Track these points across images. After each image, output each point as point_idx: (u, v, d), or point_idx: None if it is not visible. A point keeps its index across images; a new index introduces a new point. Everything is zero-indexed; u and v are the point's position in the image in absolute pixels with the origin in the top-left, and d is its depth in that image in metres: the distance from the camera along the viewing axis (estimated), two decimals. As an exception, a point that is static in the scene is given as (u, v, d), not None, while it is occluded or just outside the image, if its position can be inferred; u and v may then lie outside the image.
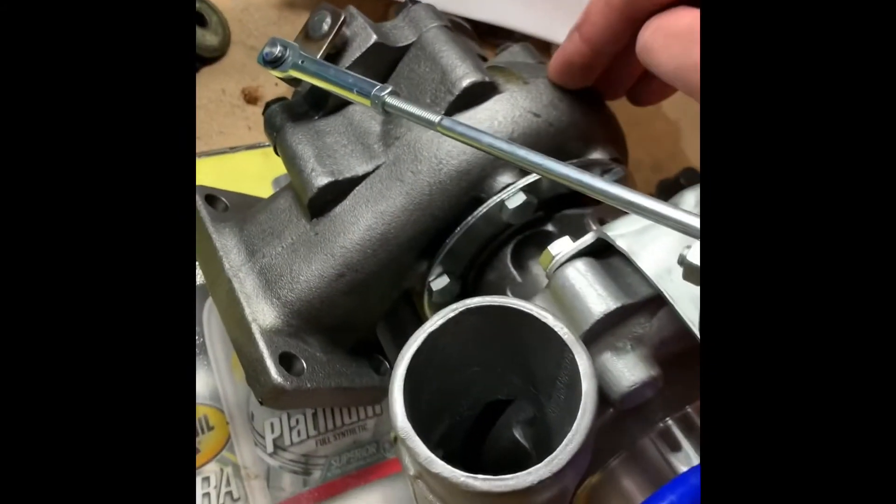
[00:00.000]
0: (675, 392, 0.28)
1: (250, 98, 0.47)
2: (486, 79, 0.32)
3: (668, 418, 0.28)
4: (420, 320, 0.31)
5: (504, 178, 0.32)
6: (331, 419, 0.39)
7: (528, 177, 0.32)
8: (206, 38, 0.47)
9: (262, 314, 0.33)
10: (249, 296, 0.33)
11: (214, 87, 0.47)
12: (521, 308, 0.22)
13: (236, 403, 0.38)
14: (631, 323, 0.25)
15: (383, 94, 0.29)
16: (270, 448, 0.37)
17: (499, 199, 0.32)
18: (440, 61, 0.33)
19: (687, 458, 0.28)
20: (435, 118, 0.27)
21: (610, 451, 0.29)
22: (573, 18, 0.33)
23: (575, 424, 0.20)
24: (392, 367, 0.24)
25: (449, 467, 0.20)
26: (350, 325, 0.34)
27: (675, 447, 0.28)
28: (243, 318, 0.32)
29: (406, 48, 0.35)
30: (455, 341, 0.24)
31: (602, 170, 0.35)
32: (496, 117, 0.32)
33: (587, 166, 0.34)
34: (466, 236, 0.33)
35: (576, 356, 0.21)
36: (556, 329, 0.22)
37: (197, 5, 0.47)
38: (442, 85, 0.33)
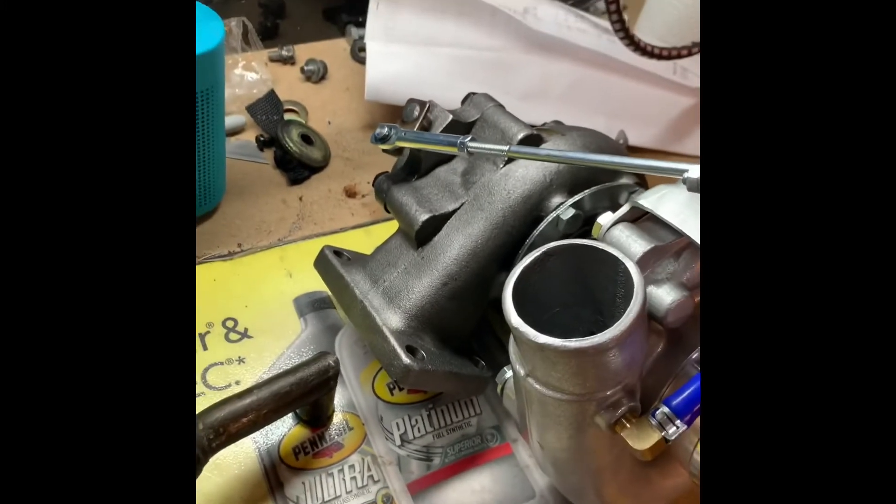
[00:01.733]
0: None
1: (350, 193, 0.60)
2: (534, 132, 0.45)
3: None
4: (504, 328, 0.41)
5: (556, 199, 0.44)
6: (442, 418, 0.48)
7: (575, 196, 0.44)
8: (313, 153, 0.61)
9: (389, 320, 0.44)
10: (378, 309, 0.44)
11: (322, 188, 0.60)
12: (586, 243, 0.33)
13: (368, 409, 0.48)
14: (663, 262, 0.36)
15: (465, 140, 0.42)
16: (398, 441, 0.46)
17: (554, 216, 0.43)
18: (500, 125, 0.46)
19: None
20: (504, 147, 0.40)
21: (664, 379, 0.38)
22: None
23: (631, 304, 0.30)
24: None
25: (551, 338, 0.30)
26: (454, 326, 0.45)
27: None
28: (375, 324, 0.43)
29: (474, 122, 0.48)
30: (542, 279, 0.34)
31: (629, 191, 0.46)
32: (546, 157, 0.45)
33: (618, 188, 0.46)
34: (532, 248, 0.44)
35: (627, 266, 0.32)
36: (610, 251, 0.32)
37: (304, 130, 0.62)
38: (503, 140, 0.45)
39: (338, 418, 0.47)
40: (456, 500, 0.45)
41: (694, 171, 0.31)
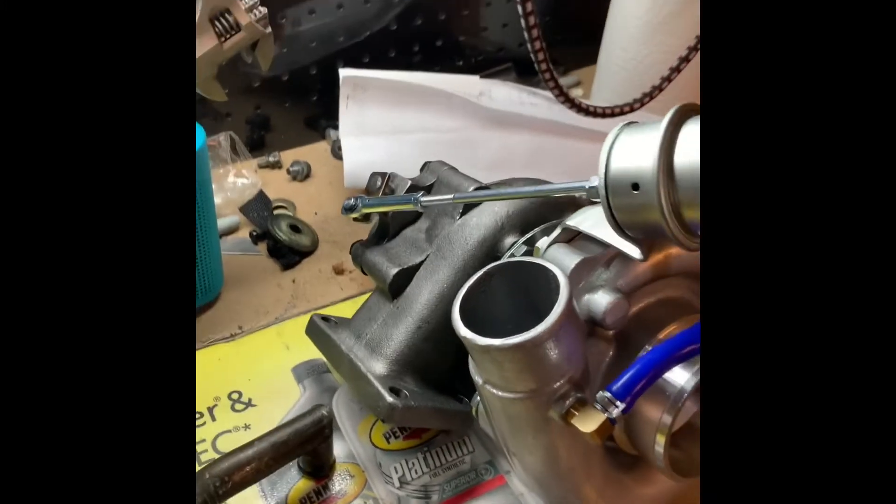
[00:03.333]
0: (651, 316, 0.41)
1: (338, 271, 0.66)
2: (483, 184, 0.51)
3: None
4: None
5: (509, 239, 0.49)
6: (438, 458, 0.51)
7: (526, 234, 0.49)
8: (302, 240, 0.67)
9: (373, 367, 0.48)
10: (362, 359, 0.49)
11: (314, 269, 0.66)
12: (521, 260, 0.38)
13: (367, 458, 0.51)
14: (596, 272, 0.40)
15: (418, 196, 0.47)
16: (397, 484, 0.50)
17: (509, 254, 0.48)
18: (453, 183, 0.52)
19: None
20: (449, 196, 0.45)
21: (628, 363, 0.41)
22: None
23: (558, 300, 0.35)
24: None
25: (491, 339, 0.34)
26: (433, 365, 0.49)
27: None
28: (361, 372, 0.48)
29: (431, 185, 0.54)
30: (488, 298, 0.39)
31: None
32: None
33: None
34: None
35: (554, 272, 0.36)
36: (541, 262, 0.37)
37: (293, 221, 0.68)
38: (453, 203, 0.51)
39: (339, 469, 0.50)
40: (456, 532, 0.47)
41: (593, 181, 0.36)
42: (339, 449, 0.51)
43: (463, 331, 0.36)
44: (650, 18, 0.79)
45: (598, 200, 0.37)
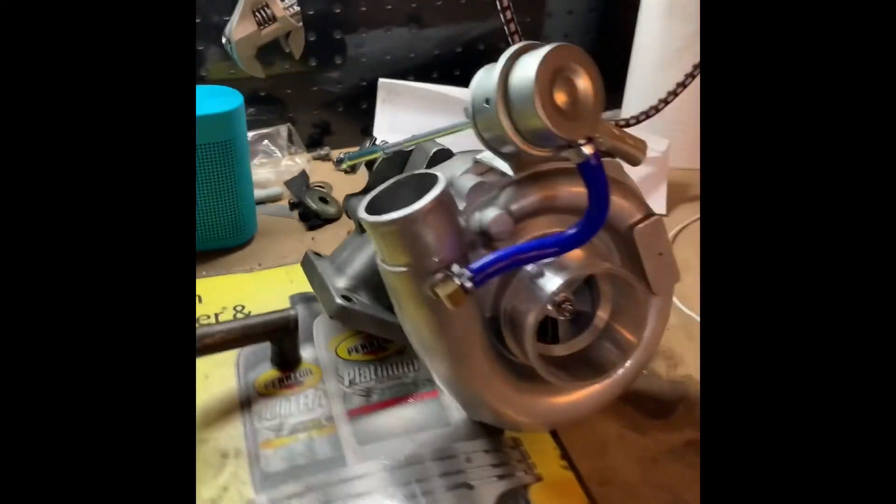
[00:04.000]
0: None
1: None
2: (444, 148, 0.62)
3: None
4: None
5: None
6: (386, 371, 0.61)
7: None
8: (328, 210, 0.80)
9: (335, 282, 0.59)
10: (329, 276, 0.60)
11: (332, 232, 0.79)
12: (424, 172, 0.48)
13: (328, 363, 0.61)
14: (490, 195, 0.49)
15: (384, 147, 0.59)
16: (347, 383, 0.59)
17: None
18: (425, 148, 0.63)
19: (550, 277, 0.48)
20: (401, 140, 0.57)
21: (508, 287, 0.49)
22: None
23: (432, 190, 0.44)
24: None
25: (374, 216, 0.44)
26: (383, 285, 0.59)
27: (541, 273, 0.48)
28: (325, 285, 0.59)
29: (411, 151, 0.65)
30: (398, 202, 0.49)
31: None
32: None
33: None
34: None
35: (438, 176, 0.46)
36: (436, 173, 0.47)
37: (324, 195, 0.82)
38: (424, 157, 0.62)
39: (303, 367, 0.61)
40: (383, 424, 0.56)
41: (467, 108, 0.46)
42: (307, 354, 0.62)
43: (361, 213, 0.46)
44: (662, 52, 0.88)
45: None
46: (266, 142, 0.88)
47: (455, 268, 0.44)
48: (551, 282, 0.47)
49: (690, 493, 0.52)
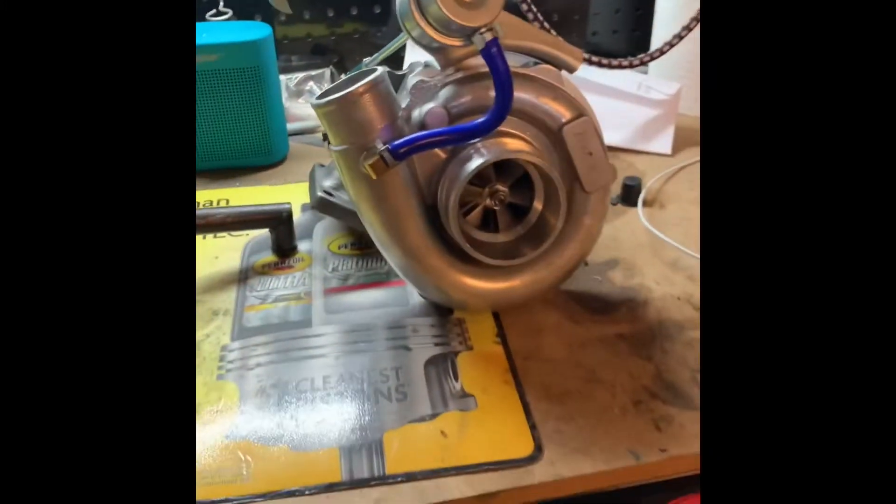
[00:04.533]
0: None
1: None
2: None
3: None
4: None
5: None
6: (366, 264, 0.69)
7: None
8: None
9: (324, 182, 0.68)
10: (321, 178, 0.69)
11: (353, 159, 0.88)
12: (373, 68, 0.56)
13: (319, 254, 0.71)
14: (431, 94, 0.56)
15: (368, 60, 0.68)
16: (330, 269, 0.69)
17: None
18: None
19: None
20: (363, 66, 0.65)
21: (441, 178, 0.56)
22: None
23: (367, 77, 0.52)
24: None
25: (316, 99, 0.53)
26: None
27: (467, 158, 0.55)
28: (315, 185, 0.68)
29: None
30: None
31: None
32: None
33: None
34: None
35: (377, 70, 0.54)
36: (378, 69, 0.55)
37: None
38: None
39: (297, 255, 0.71)
40: (351, 301, 0.65)
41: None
42: (304, 247, 0.72)
43: (311, 100, 0.55)
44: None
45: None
46: (311, 83, 0.99)
47: (378, 144, 0.52)
48: (472, 163, 0.54)
49: (606, 371, 0.57)
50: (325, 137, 0.60)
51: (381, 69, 0.54)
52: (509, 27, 0.53)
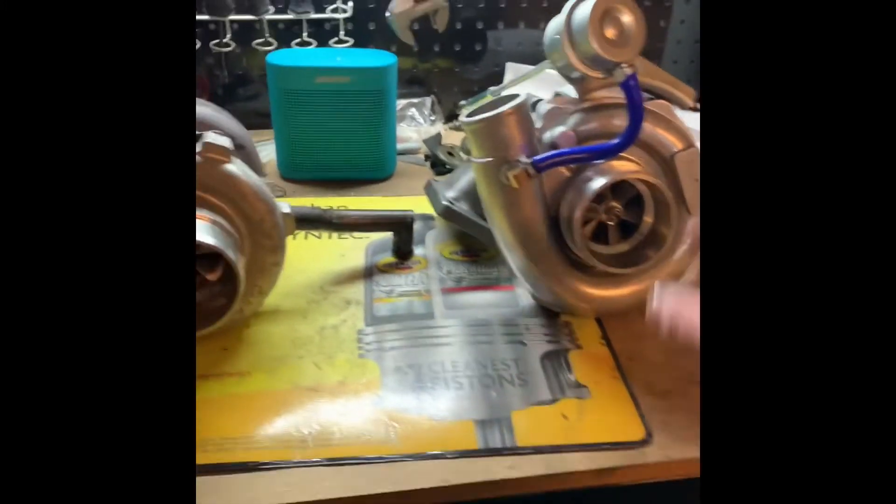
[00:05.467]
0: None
1: (470, 182, 0.96)
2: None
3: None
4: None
5: (547, 127, 0.75)
6: (477, 269, 0.77)
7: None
8: (453, 161, 0.98)
9: (446, 193, 0.77)
10: (442, 189, 0.77)
11: (454, 178, 0.96)
12: (514, 94, 0.64)
13: (434, 259, 0.79)
14: (562, 118, 0.64)
15: (494, 89, 0.76)
16: (444, 272, 0.76)
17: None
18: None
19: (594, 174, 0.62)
20: (505, 84, 0.73)
21: (567, 192, 0.64)
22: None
23: (513, 101, 0.61)
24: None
25: (467, 118, 0.61)
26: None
27: (590, 178, 0.62)
28: (436, 193, 0.77)
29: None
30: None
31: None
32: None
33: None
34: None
35: (521, 95, 0.62)
36: (522, 95, 0.63)
37: (451, 150, 1.00)
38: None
39: (414, 258, 0.78)
40: (467, 300, 0.72)
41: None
42: (419, 251, 0.80)
43: (462, 118, 0.63)
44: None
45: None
46: (413, 110, 1.08)
47: (522, 157, 0.60)
48: (597, 182, 0.61)
49: (704, 374, 0.63)
50: (433, 165, 0.69)
51: (523, 95, 0.62)
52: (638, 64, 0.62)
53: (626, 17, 0.57)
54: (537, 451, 0.55)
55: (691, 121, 0.93)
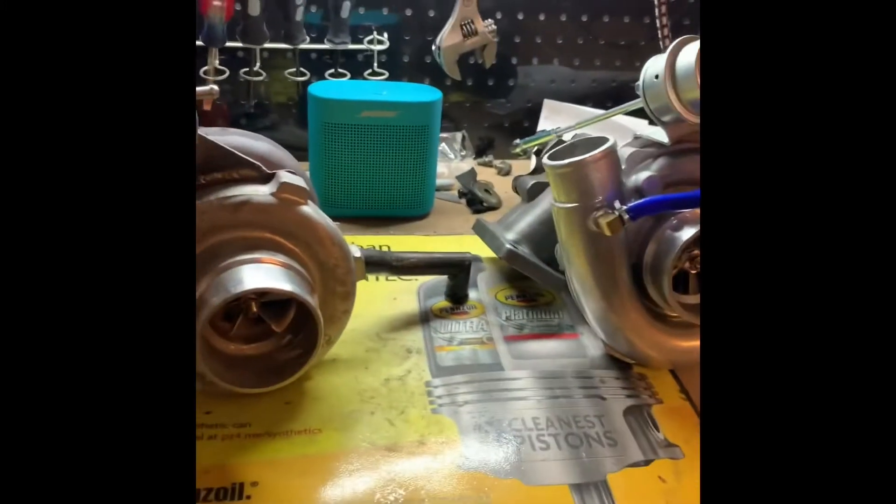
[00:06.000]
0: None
1: (510, 221, 0.93)
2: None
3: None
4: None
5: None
6: (537, 315, 0.73)
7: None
8: (490, 199, 0.96)
9: (505, 235, 0.73)
10: (499, 232, 0.74)
11: (492, 215, 0.93)
12: (598, 135, 0.62)
13: (489, 303, 0.75)
14: (646, 162, 0.62)
15: (556, 129, 0.73)
16: (504, 318, 0.73)
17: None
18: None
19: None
20: (572, 124, 0.71)
21: (650, 238, 0.61)
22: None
23: (602, 146, 0.58)
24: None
25: (552, 161, 0.58)
26: (543, 242, 0.72)
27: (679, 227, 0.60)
28: (496, 237, 0.73)
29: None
30: (570, 155, 0.63)
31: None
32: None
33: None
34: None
35: (609, 139, 0.59)
36: (606, 137, 0.60)
37: (487, 187, 0.97)
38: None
39: (469, 302, 0.75)
40: (532, 349, 0.69)
41: (639, 85, 0.60)
42: (472, 295, 0.76)
43: (545, 160, 0.60)
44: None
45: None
46: (443, 144, 1.05)
47: (616, 203, 0.57)
48: (686, 232, 0.59)
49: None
50: (469, 202, 0.66)
51: (612, 139, 0.60)
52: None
53: (733, 63, 0.55)
54: (640, 518, 0.51)
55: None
